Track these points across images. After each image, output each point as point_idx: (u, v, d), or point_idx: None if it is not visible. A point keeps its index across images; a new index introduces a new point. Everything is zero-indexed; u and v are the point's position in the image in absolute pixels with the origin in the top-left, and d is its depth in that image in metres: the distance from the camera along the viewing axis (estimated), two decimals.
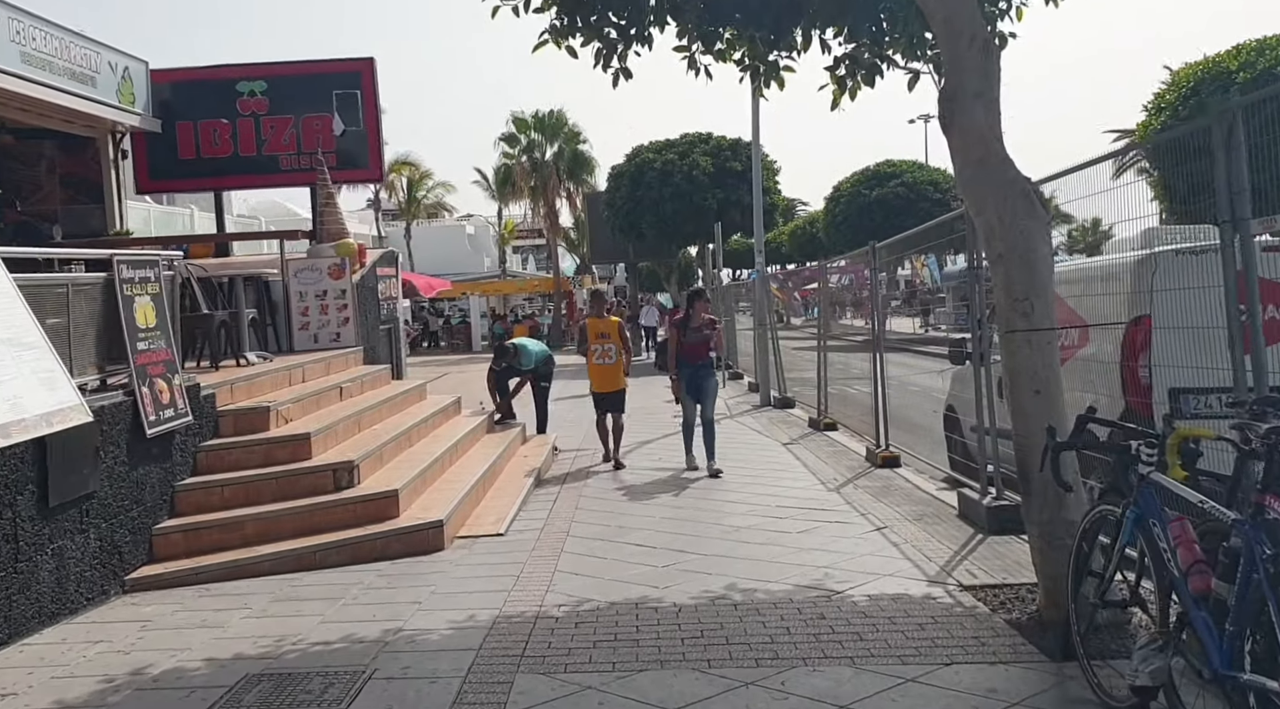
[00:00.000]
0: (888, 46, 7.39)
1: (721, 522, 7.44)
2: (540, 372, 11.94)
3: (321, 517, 6.79)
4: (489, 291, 43.02)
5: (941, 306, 45.99)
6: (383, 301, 11.83)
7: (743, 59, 7.37)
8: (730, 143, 29.10)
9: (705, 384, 9.81)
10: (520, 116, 38.66)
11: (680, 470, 9.81)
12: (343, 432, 7.98)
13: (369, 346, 11.17)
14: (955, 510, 7.36)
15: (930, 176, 39.89)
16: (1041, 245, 4.90)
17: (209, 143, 12.41)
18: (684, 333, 9.78)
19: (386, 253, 12.51)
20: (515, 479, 9.20)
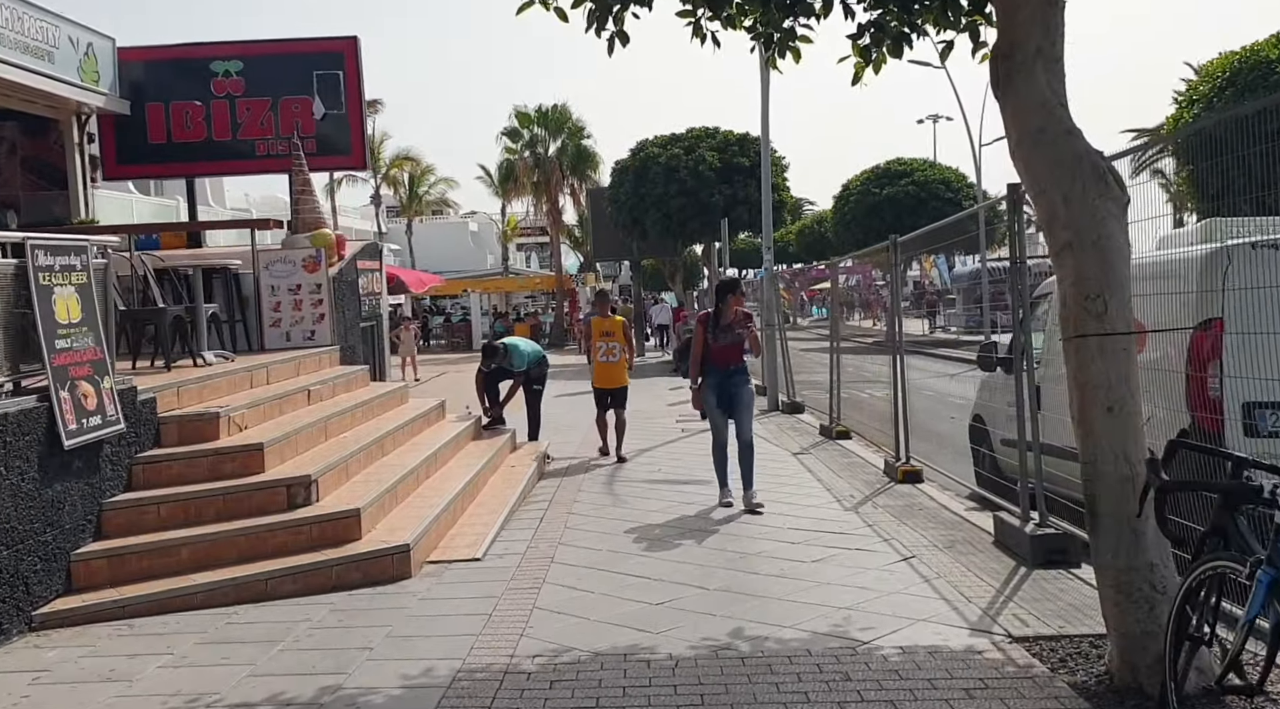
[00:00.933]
0: (918, 14, 6.54)
1: (726, 546, 6.60)
2: (533, 374, 11.12)
3: (271, 539, 5.97)
4: (490, 289, 42.25)
5: (951, 308, 45.18)
6: (364, 297, 11.01)
7: (754, 26, 6.53)
8: (738, 138, 28.25)
9: (739, 394, 8.01)
10: (523, 111, 37.93)
11: (679, 480, 8.99)
12: (304, 441, 7.16)
13: (347, 346, 10.34)
14: (990, 536, 6.52)
15: (941, 175, 39.15)
16: (1117, 231, 4.06)
17: (181, 126, 11.60)
18: (713, 332, 7.99)
19: (368, 245, 11.69)
20: (500, 493, 8.38)
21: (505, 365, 10.83)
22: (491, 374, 10.89)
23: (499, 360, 10.78)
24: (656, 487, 8.94)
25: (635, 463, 10.38)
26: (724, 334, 7.97)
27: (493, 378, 10.92)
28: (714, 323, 8.00)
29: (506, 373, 10.91)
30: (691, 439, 12.07)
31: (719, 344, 7.97)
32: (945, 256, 44.91)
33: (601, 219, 31.39)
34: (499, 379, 10.94)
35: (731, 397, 8.01)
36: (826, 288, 58.00)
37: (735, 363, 8.09)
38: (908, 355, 13.16)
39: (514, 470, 9.35)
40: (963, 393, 12.20)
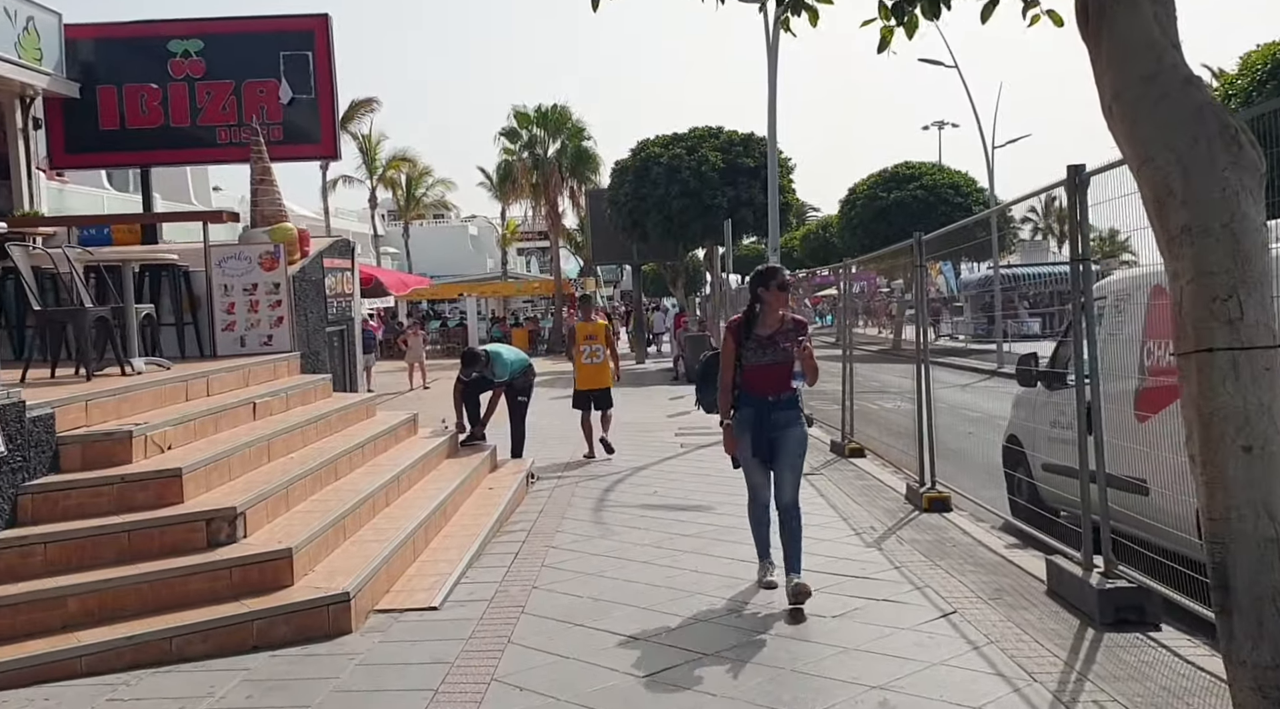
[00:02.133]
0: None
1: (729, 593, 5.59)
2: (517, 384, 10.13)
3: (182, 587, 4.96)
4: (487, 293, 41.21)
5: (959, 315, 44.22)
6: (331, 299, 10.01)
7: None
8: (742, 138, 27.27)
9: (784, 438, 5.52)
10: (522, 111, 36.91)
11: (677, 505, 7.98)
12: (240, 463, 6.16)
13: (309, 352, 9.35)
14: (1041, 584, 5.51)
15: (951, 179, 38.12)
16: (1253, 211, 3.06)
17: (135, 111, 10.62)
18: (746, 345, 5.56)
19: (338, 241, 10.70)
20: (472, 521, 7.37)
21: (487, 375, 9.85)
22: (472, 384, 9.90)
23: (480, 369, 9.79)
24: (650, 513, 7.94)
25: (628, 484, 9.38)
26: (763, 350, 5.50)
27: (473, 389, 9.92)
28: (746, 332, 5.59)
29: (488, 383, 9.91)
30: (691, 457, 11.06)
31: (756, 364, 5.51)
32: (952, 263, 44.07)
33: (601, 221, 30.40)
34: (480, 390, 9.95)
35: (773, 442, 5.51)
36: (831, 294, 57.13)
37: (780, 391, 5.54)
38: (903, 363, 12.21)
39: (491, 493, 8.34)
40: (977, 404, 11.19)
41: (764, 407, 5.53)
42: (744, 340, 5.57)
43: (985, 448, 8.49)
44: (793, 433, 5.55)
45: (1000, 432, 8.28)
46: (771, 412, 5.51)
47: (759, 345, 5.53)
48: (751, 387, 5.54)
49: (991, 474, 8.14)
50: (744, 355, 5.54)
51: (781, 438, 5.52)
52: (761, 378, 5.53)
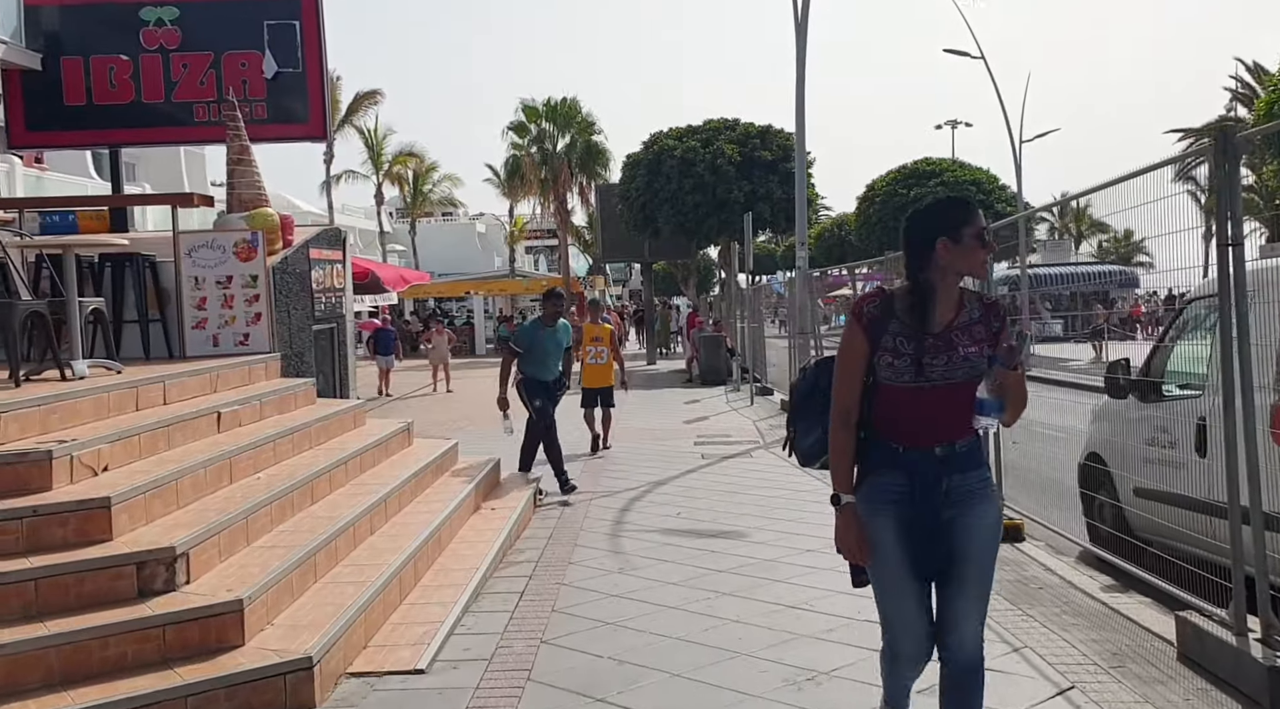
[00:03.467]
0: None
1: (781, 652, 4.56)
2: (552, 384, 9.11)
3: (102, 651, 3.94)
4: (494, 291, 40.17)
5: None
6: (318, 294, 9.01)
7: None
8: (759, 130, 26.25)
9: (967, 529, 3.07)
10: (530, 104, 35.97)
11: (705, 530, 6.96)
12: (192, 486, 5.14)
13: (292, 353, 8.35)
14: (1168, 644, 4.46)
15: (972, 176, 37.08)
16: None
17: (104, 85, 9.61)
18: (891, 347, 2.99)
19: (327, 231, 9.68)
20: (471, 550, 6.36)
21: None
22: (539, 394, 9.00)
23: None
24: (675, 541, 6.90)
25: (647, 502, 8.36)
26: (926, 359, 2.97)
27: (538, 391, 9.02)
28: (888, 324, 3.01)
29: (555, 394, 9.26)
30: (714, 470, 10.04)
31: (911, 386, 2.99)
32: None
33: (611, 217, 29.41)
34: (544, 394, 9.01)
35: (943, 536, 3.07)
36: (846, 294, 56.13)
37: (954, 436, 3.06)
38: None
39: (494, 515, 7.32)
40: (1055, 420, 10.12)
41: (924, 467, 3.00)
42: (884, 340, 2.96)
43: (1044, 463, 7.44)
44: (979, 518, 3.04)
45: (1058, 443, 7.23)
46: (940, 476, 3.00)
47: (919, 349, 2.94)
48: (897, 429, 3.01)
49: (1053, 491, 7.08)
50: (882, 369, 2.97)
51: (960, 528, 3.01)
52: (921, 411, 2.98)
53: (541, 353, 8.82)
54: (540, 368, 8.87)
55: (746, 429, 13.48)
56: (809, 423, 3.29)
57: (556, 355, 8.94)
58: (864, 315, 3.02)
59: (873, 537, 3.03)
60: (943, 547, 3.04)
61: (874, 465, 3.08)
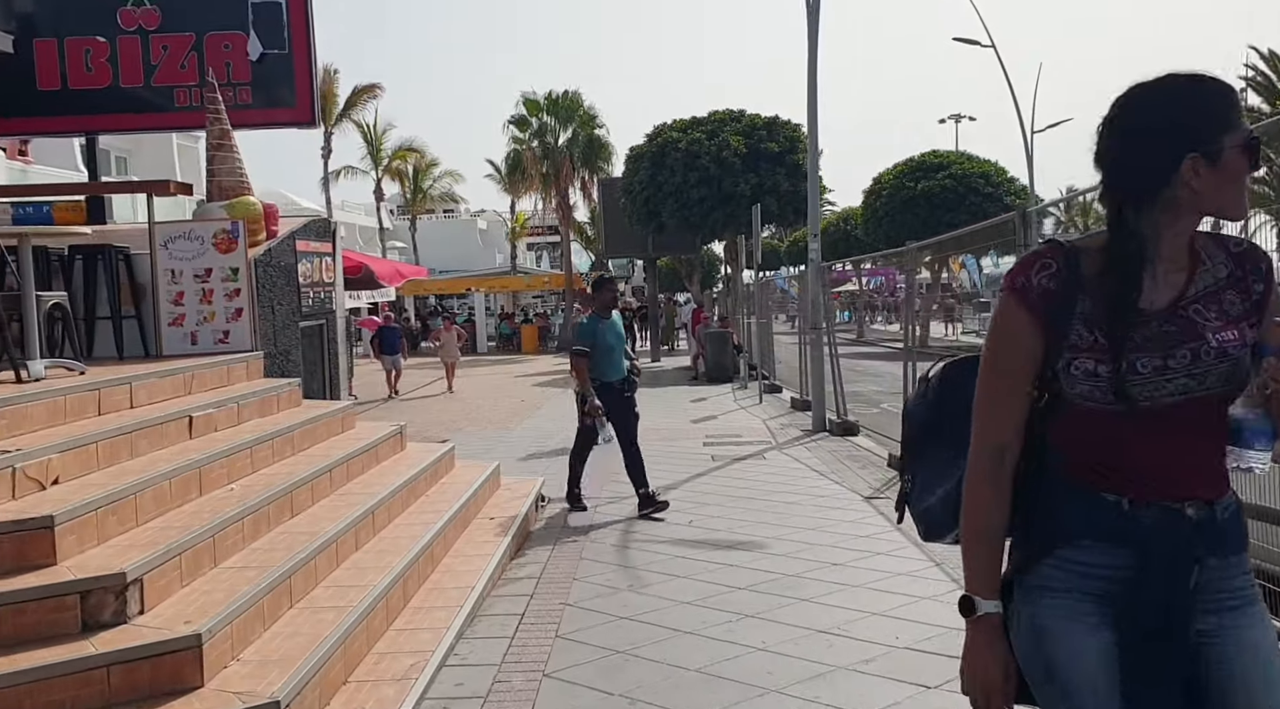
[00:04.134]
0: None
1: (817, 689, 4.02)
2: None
3: (41, 695, 3.42)
4: (496, 288, 39.69)
5: (985, 311, 42.57)
6: (306, 288, 8.48)
7: None
8: (765, 121, 25.67)
9: (1236, 649, 1.72)
10: (531, 97, 35.31)
11: (721, 541, 6.43)
12: (154, 501, 4.62)
13: (276, 351, 7.82)
14: None
15: (981, 168, 36.44)
16: None
17: (79, 69, 9.07)
18: (1087, 336, 1.70)
19: (315, 221, 9.13)
20: (466, 566, 5.82)
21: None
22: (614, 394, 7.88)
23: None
24: (688, 553, 6.37)
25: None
26: (1159, 364, 1.68)
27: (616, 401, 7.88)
28: (1075, 303, 1.72)
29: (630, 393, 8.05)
30: (725, 473, 9.50)
31: (1124, 410, 1.69)
32: (975, 257, 42.53)
33: (614, 212, 28.84)
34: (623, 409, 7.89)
35: (1207, 665, 1.73)
36: (851, 290, 55.44)
37: (1209, 490, 1.75)
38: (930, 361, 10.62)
39: (493, 525, 6.78)
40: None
41: (1167, 536, 1.72)
42: (1072, 330, 1.73)
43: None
44: (1255, 627, 1.75)
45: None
46: (1192, 555, 1.73)
47: (1134, 344, 1.70)
48: (1112, 471, 1.75)
49: None
50: (1074, 379, 1.73)
51: (1232, 647, 1.73)
52: (1147, 448, 1.73)
53: (605, 349, 7.78)
54: (606, 366, 7.77)
55: (756, 429, 12.96)
56: (934, 471, 2.02)
57: (620, 349, 7.92)
58: (1033, 288, 1.75)
59: (1057, 664, 1.74)
60: (1195, 679, 1.73)
61: (1065, 532, 1.76)
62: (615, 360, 7.82)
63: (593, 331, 7.75)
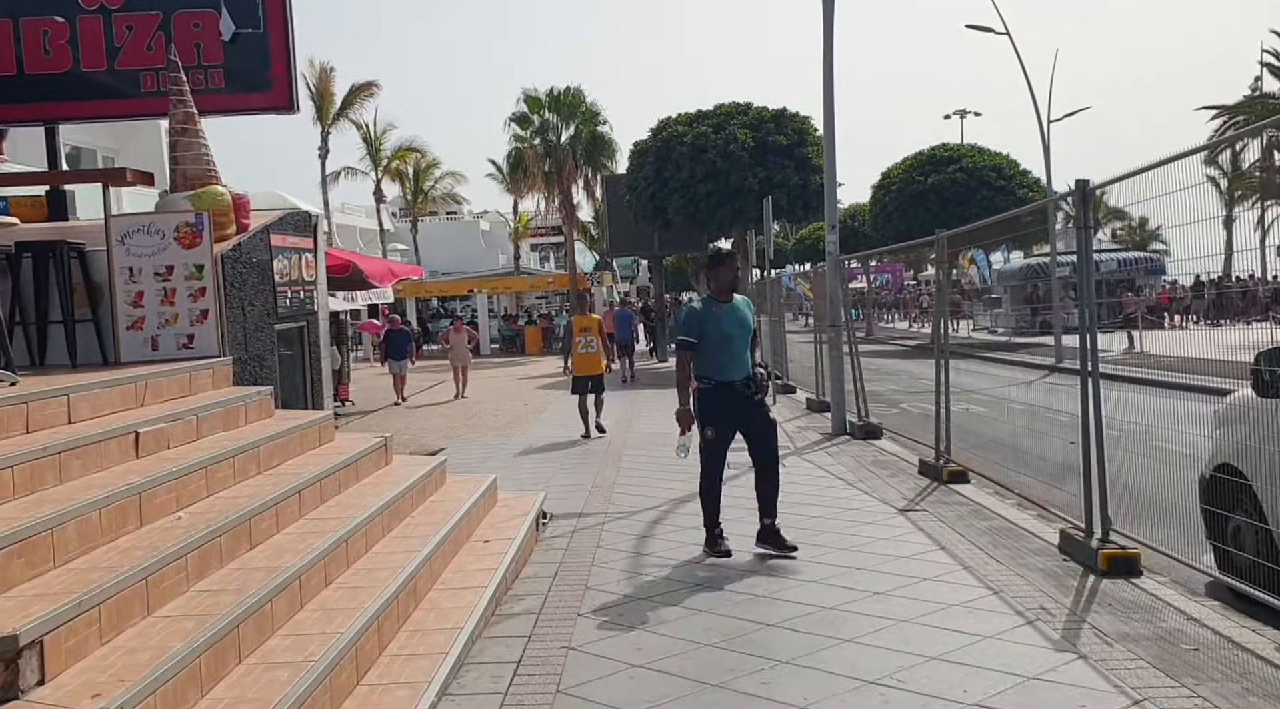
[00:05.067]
0: None
1: None
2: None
3: None
4: (499, 289, 38.96)
5: (997, 307, 41.76)
6: (282, 287, 7.74)
7: None
8: (773, 114, 24.93)
9: None
10: (533, 94, 34.50)
11: (745, 566, 5.67)
12: (78, 536, 3.88)
13: (248, 356, 7.08)
14: None
15: (992, 161, 35.68)
16: None
17: (36, 52, 8.32)
18: None
19: (293, 214, 8.37)
20: (454, 600, 5.07)
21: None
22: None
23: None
24: (707, 582, 5.61)
25: (668, 526, 7.08)
26: None
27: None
28: None
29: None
30: (743, 483, 8.60)
31: None
32: (985, 252, 41.78)
33: (618, 209, 28.15)
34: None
35: None
36: (859, 287, 54.67)
37: None
38: (962, 359, 9.76)
39: (487, 549, 6.02)
40: (1047, 403, 8.80)
41: None
42: None
43: (1143, 475, 6.15)
44: None
45: (1160, 450, 5.93)
46: None
47: None
48: None
49: (1161, 509, 5.80)
50: None
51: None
52: None
53: (719, 340, 6.19)
54: (718, 363, 6.19)
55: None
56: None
57: (742, 340, 6.29)
58: None
59: None
60: None
61: None
62: (735, 353, 6.22)
63: (701, 319, 6.25)
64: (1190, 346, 6.00)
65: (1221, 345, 5.96)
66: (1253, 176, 41.54)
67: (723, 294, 6.39)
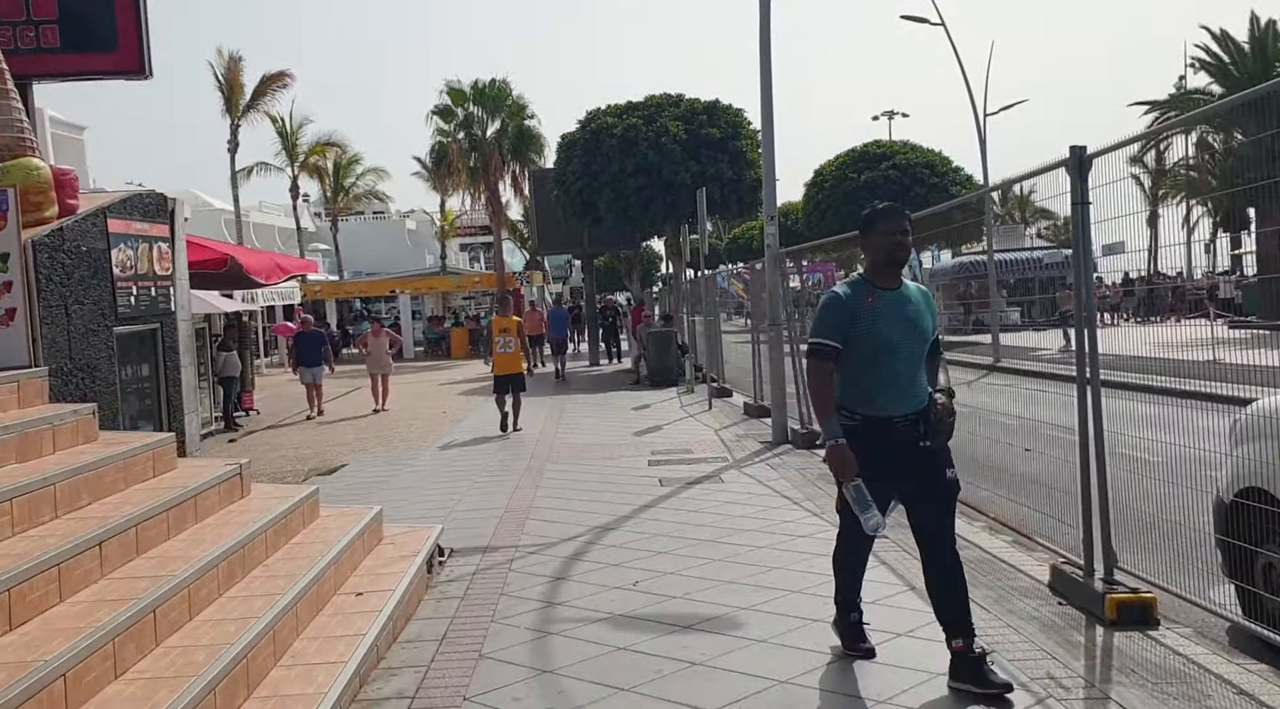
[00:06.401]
0: None
1: None
2: None
3: None
4: (421, 289, 37.47)
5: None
6: (125, 282, 6.45)
7: None
8: (705, 106, 23.92)
9: None
10: (456, 87, 33.16)
11: (678, 617, 4.59)
12: None
13: (72, 367, 5.80)
14: None
15: (925, 158, 35.30)
16: None
17: None
18: None
19: (140, 195, 7.06)
20: (304, 683, 3.90)
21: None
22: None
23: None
24: (635, 637, 4.53)
25: (590, 562, 5.97)
26: None
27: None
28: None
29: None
30: (677, 503, 7.66)
31: None
32: (917, 252, 41.52)
33: (546, 206, 26.88)
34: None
35: None
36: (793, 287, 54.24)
37: None
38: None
39: (358, 606, 4.84)
40: (993, 406, 7.92)
41: None
42: None
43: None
44: None
45: (1160, 468, 5.01)
46: None
47: None
48: None
49: (1169, 540, 4.88)
50: None
51: None
52: None
53: (873, 352, 3.97)
54: (869, 386, 4.01)
55: (708, 441, 11.18)
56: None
57: (914, 354, 4.04)
58: None
59: None
60: None
61: None
62: (898, 373, 3.98)
63: (847, 313, 3.98)
64: (1127, 345, 5.38)
65: (1162, 344, 5.34)
66: (1179, 175, 41.90)
67: (886, 274, 4.04)
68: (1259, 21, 27.17)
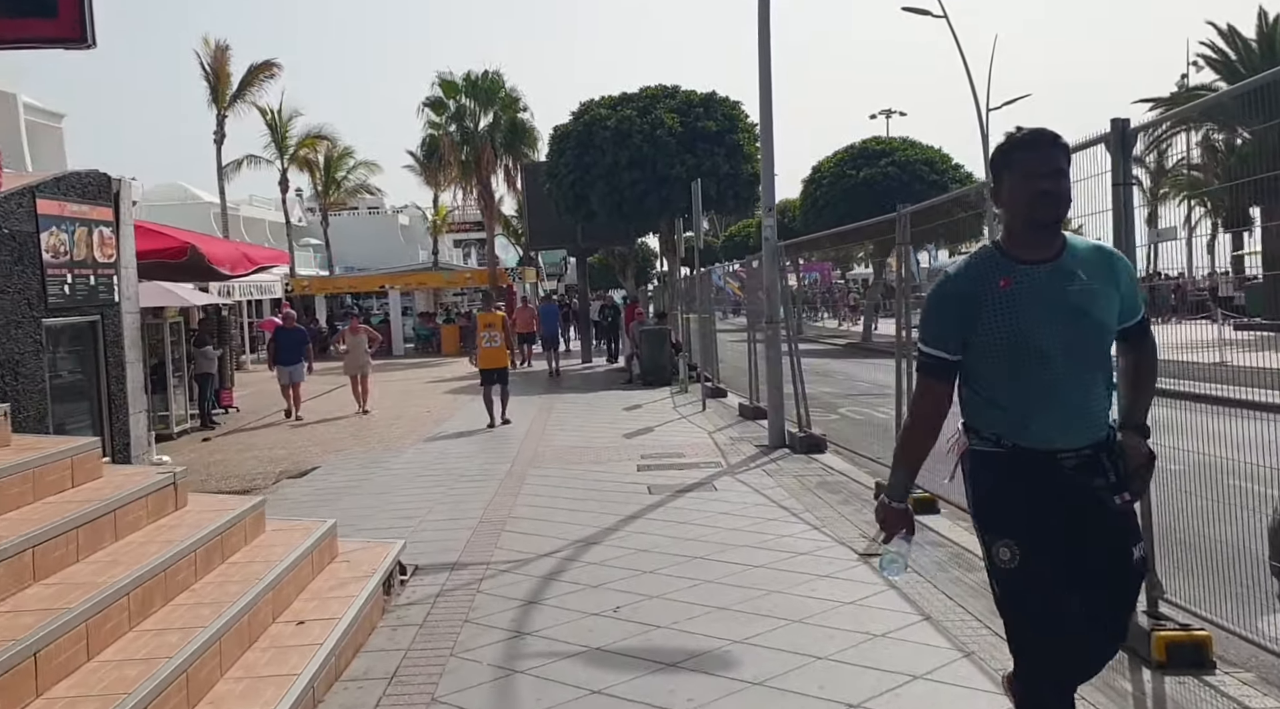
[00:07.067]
0: None
1: None
2: None
3: None
4: (411, 285, 36.83)
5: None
6: (56, 270, 5.85)
7: None
8: (701, 98, 23.37)
9: None
10: (448, 78, 32.53)
11: (663, 652, 4.01)
12: None
13: None
14: None
15: (924, 155, 34.72)
16: None
17: None
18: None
19: (76, 175, 6.43)
20: None
21: None
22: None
23: None
24: (612, 678, 3.95)
25: (566, 582, 5.39)
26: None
27: None
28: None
29: None
30: (665, 515, 7.07)
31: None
32: (913, 249, 40.97)
33: (539, 200, 26.28)
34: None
35: None
36: (789, 285, 53.71)
37: None
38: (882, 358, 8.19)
39: (298, 636, 4.24)
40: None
41: None
42: None
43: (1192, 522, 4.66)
44: None
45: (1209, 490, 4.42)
46: None
47: None
48: None
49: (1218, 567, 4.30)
50: None
51: None
52: None
53: (1018, 356, 2.66)
54: (1016, 405, 2.70)
55: (701, 445, 10.61)
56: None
57: (1086, 355, 2.68)
58: None
59: None
60: None
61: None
62: (1055, 384, 2.66)
63: (969, 304, 2.70)
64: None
65: (1162, 344, 4.77)
66: (1179, 175, 41.37)
67: (1029, 240, 2.71)
68: (1267, 17, 26.66)
